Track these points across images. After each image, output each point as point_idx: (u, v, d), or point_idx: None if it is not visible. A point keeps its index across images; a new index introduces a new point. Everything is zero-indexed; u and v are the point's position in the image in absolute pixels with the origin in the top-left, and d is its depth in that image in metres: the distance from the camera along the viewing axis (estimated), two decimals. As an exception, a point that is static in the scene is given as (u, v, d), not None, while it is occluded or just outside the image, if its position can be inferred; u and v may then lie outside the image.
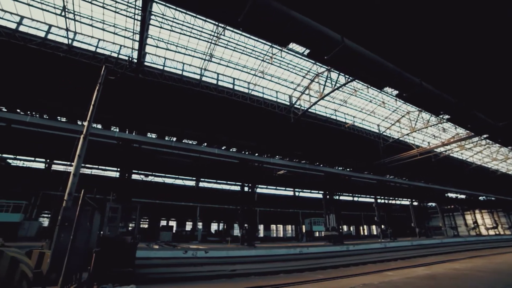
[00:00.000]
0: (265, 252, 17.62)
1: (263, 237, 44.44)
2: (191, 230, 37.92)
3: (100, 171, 35.54)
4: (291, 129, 25.66)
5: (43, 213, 38.67)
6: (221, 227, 45.14)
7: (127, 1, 15.77)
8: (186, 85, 19.61)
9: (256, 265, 12.57)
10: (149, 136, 25.77)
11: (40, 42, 16.06)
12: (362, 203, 58.16)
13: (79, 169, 7.69)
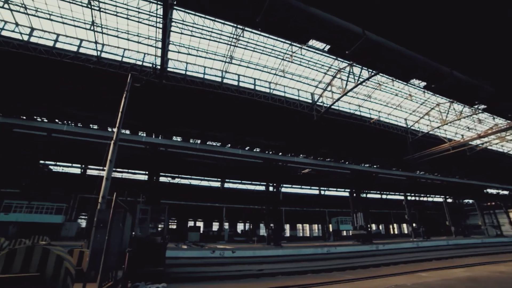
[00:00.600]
0: (292, 251, 17.51)
1: (289, 237, 44.22)
2: (218, 231, 38.59)
3: (130, 175, 37.22)
4: (314, 127, 25.29)
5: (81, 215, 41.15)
6: (247, 227, 45.48)
7: (149, 10, 16.37)
8: (208, 88, 19.99)
9: (283, 265, 12.54)
10: (174, 140, 26.53)
11: (73, 56, 17.14)
12: (391, 201, 55.95)
13: (111, 174, 8.11)
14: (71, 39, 17.65)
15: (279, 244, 22.49)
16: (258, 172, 33.21)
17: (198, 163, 31.21)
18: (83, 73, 17.80)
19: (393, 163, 36.71)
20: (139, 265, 7.39)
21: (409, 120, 29.81)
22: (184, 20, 17.25)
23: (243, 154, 25.43)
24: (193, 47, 19.13)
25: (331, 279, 8.61)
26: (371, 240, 26.75)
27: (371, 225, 34.97)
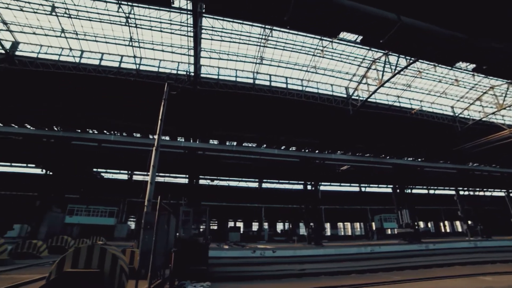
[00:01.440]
0: (333, 251, 17.08)
1: (330, 236, 43.15)
2: (258, 230, 39.00)
3: (172, 179, 39.23)
4: (350, 122, 24.39)
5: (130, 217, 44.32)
6: (287, 226, 45.30)
7: (179, 21, 17.13)
8: (240, 90, 20.33)
9: (326, 265, 12.28)
10: (211, 143, 27.43)
11: (116, 71, 18.59)
12: (441, 196, 51.70)
13: (155, 178, 8.64)
14: (114, 56, 19.17)
15: (320, 244, 22.07)
16: (295, 171, 32.97)
17: (235, 165, 31.93)
18: (125, 86, 19.18)
19: (440, 156, 33.95)
20: (184, 264, 7.78)
21: (457, 108, 27.35)
22: (213, 27, 17.76)
23: (279, 153, 25.43)
24: (223, 51, 19.60)
25: (378, 280, 8.24)
26: (420, 239, 25.03)
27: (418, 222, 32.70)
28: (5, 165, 36.49)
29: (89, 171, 35.15)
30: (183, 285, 6.88)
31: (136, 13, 16.49)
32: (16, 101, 21.07)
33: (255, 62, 20.44)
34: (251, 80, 20.99)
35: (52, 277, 5.30)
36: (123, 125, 24.37)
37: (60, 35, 17.91)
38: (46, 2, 15.95)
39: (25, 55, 18.24)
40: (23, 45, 18.53)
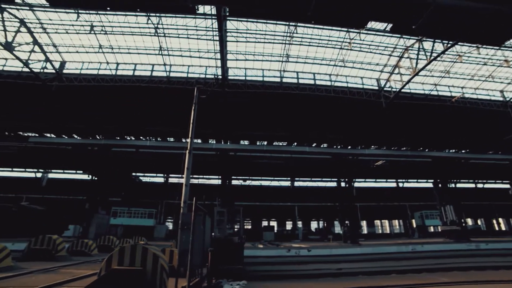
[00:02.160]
0: (371, 250, 16.44)
1: (367, 234, 41.54)
2: (292, 229, 38.76)
3: (205, 180, 40.41)
4: (384, 115, 23.28)
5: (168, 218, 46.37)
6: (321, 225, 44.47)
7: (205, 26, 17.59)
8: (268, 89, 20.35)
9: (363, 264, 11.88)
10: (242, 144, 27.79)
11: (148, 80, 19.60)
12: (492, 190, 47.24)
13: (189, 180, 8.97)
14: (146, 66, 20.27)
15: (356, 242, 21.37)
16: (327, 168, 32.27)
17: (267, 164, 32.08)
18: (157, 93, 20.11)
19: (488, 146, 31.05)
20: (220, 263, 8.00)
21: (507, 92, 24.82)
22: (238, 28, 17.98)
23: (310, 151, 25.07)
24: (249, 52, 19.75)
25: (422, 281, 7.80)
26: (468, 237, 23.13)
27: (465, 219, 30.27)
28: (59, 172, 40.26)
29: (128, 175, 37.50)
30: (220, 283, 7.08)
31: (163, 23, 17.25)
32: (64, 114, 23.10)
33: (281, 60, 20.34)
34: (278, 79, 20.93)
35: (103, 273, 5.76)
36: (158, 130, 25.61)
37: (98, 51, 19.33)
38: (86, 23, 17.30)
39: (71, 72, 19.95)
40: (69, 63, 20.30)
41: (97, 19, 17.18)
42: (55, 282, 6.52)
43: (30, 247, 11.12)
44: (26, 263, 9.59)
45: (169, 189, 39.60)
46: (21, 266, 8.74)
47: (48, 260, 10.51)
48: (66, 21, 17.45)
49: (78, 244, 13.75)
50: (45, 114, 23.36)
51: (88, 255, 13.36)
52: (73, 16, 16.91)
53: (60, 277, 7.26)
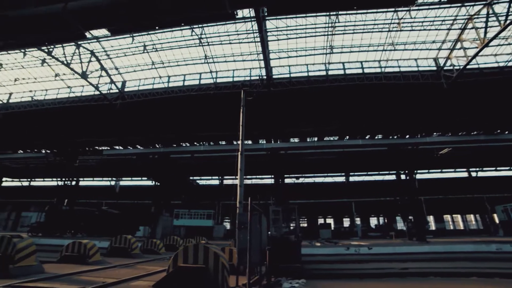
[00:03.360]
0: (442, 248, 14.86)
1: (435, 231, 37.60)
2: (349, 226, 37.22)
3: (259, 180, 41.14)
4: (446, 97, 20.87)
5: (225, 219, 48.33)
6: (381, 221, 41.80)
7: (245, 30, 17.94)
8: (314, 84, 19.86)
9: (433, 264, 10.83)
10: (292, 141, 27.62)
11: (197, 88, 20.75)
12: None
13: (243, 181, 9.26)
14: (194, 75, 21.52)
15: (423, 239, 19.57)
16: (384, 160, 30.19)
17: (318, 160, 31.37)
18: (206, 99, 21.12)
19: None
20: (278, 261, 8.09)
21: None
22: (278, 27, 17.93)
23: (364, 143, 23.82)
24: (291, 49, 19.55)
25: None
26: None
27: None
28: (128, 179, 45.12)
29: (186, 179, 40.17)
30: (279, 281, 7.17)
31: (206, 32, 18.11)
32: (128, 128, 25.82)
33: (325, 52, 19.69)
34: (323, 72, 20.29)
35: (170, 270, 6.32)
36: (210, 135, 26.92)
37: (151, 67, 21.18)
38: (140, 43, 19.14)
39: (130, 90, 22.25)
40: (129, 82, 22.68)
41: (148, 38, 18.84)
42: (133, 276, 7.37)
43: (112, 245, 12.73)
44: (109, 258, 11.00)
45: (224, 191, 41.29)
46: (106, 261, 10.07)
47: (125, 257, 11.88)
48: (124, 45, 19.55)
49: (148, 244, 15.24)
50: (113, 129, 26.42)
51: (157, 253, 14.70)
52: (128, 40, 18.85)
53: (137, 272, 8.18)
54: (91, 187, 46.86)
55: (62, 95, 23.57)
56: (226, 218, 48.73)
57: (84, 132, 27.56)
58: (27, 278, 6.32)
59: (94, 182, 46.97)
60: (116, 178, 44.63)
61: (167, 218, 29.16)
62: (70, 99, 22.95)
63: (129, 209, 36.31)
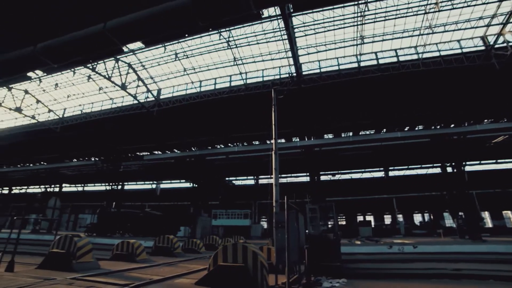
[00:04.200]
0: (503, 248, 13.46)
1: (493, 228, 34.15)
2: (391, 224, 35.37)
3: (294, 178, 40.83)
4: (497, 79, 18.91)
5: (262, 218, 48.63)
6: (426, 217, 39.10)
7: (272, 28, 17.89)
8: (345, 77, 19.22)
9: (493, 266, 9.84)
10: (326, 138, 26.99)
11: (228, 91, 21.17)
12: None
13: (278, 180, 9.26)
14: (224, 78, 21.98)
15: (478, 238, 17.92)
16: (427, 152, 28.26)
17: (355, 156, 30.28)
18: (237, 101, 21.44)
19: None
20: (317, 260, 7.97)
21: None
22: (305, 22, 17.61)
23: (403, 136, 22.51)
24: (320, 43, 19.09)
25: None
26: None
27: None
28: (167, 182, 47.46)
29: (222, 180, 41.17)
30: (319, 280, 7.06)
31: (233, 35, 18.37)
32: (165, 133, 27.18)
33: (356, 44, 18.92)
34: (355, 64, 19.53)
35: (211, 268, 6.54)
36: (243, 136, 27.31)
37: (183, 74, 22.05)
38: (171, 52, 20.04)
39: (165, 97, 23.39)
40: (163, 89, 23.88)
41: (179, 46, 19.64)
42: (177, 274, 7.75)
43: (156, 244, 13.50)
44: (154, 257, 11.68)
45: (260, 190, 41.64)
46: (151, 259, 10.71)
47: (168, 256, 12.53)
48: (157, 55, 20.60)
49: (189, 243, 15.90)
50: (152, 135, 27.99)
51: (198, 252, 15.28)
52: (161, 49, 19.84)
53: (179, 270, 8.59)
54: (134, 190, 50.14)
55: (105, 106, 25.55)
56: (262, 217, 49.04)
57: (126, 139, 29.61)
58: (87, 272, 7.01)
59: (137, 186, 50.17)
60: (156, 182, 47.23)
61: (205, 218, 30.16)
62: (113, 110, 24.76)
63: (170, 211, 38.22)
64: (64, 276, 6.49)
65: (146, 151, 33.01)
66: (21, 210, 49.26)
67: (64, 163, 36.71)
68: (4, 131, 30.28)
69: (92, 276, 6.56)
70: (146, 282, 6.30)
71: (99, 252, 10.95)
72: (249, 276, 6.12)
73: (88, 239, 8.53)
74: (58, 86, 24.39)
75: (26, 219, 27.55)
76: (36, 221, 37.52)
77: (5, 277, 6.16)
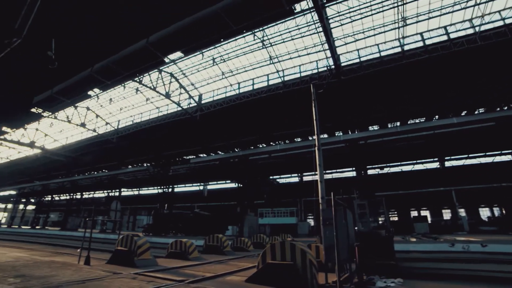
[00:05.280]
0: None
1: None
2: (451, 219, 32.18)
3: (339, 174, 39.47)
4: None
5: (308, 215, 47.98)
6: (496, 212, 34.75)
7: (305, 22, 17.51)
8: (388, 64, 17.98)
9: None
10: (370, 130, 25.61)
11: (266, 90, 21.24)
12: None
13: (323, 176, 9.05)
14: (261, 78, 22.14)
15: None
16: (492, 138, 25.17)
17: (404, 147, 28.21)
18: (276, 99, 21.39)
19: None
20: (368, 258, 7.60)
21: None
22: (339, 11, 16.89)
23: (460, 122, 20.33)
24: (357, 31, 18.15)
25: None
26: None
27: None
28: (213, 183, 49.22)
29: (266, 179, 41.47)
30: (372, 280, 6.72)
31: (267, 34, 18.38)
32: (208, 136, 28.30)
33: (398, 26, 17.58)
34: (398, 49, 18.16)
35: (260, 266, 6.64)
36: (284, 134, 27.24)
37: (222, 77, 22.73)
38: (209, 58, 20.81)
39: (207, 101, 24.34)
40: (204, 94, 24.91)
41: (216, 52, 20.29)
42: (227, 271, 8.03)
43: (206, 243, 14.14)
44: (205, 255, 12.25)
45: (304, 187, 41.07)
46: (203, 257, 11.25)
47: (218, 254, 13.02)
48: (196, 63, 21.57)
49: (238, 242, 16.34)
50: (196, 139, 29.37)
51: (246, 250, 15.61)
52: (199, 57, 20.72)
53: (230, 267, 8.88)
54: (184, 192, 53.06)
55: (153, 115, 27.51)
56: (309, 215, 48.32)
57: (173, 144, 31.55)
58: (147, 269, 7.65)
59: (186, 188, 53.01)
60: (203, 183, 49.40)
61: (252, 217, 30.70)
62: (159, 118, 26.53)
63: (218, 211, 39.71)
64: (128, 271, 7.16)
65: (192, 155, 34.73)
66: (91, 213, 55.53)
67: (121, 170, 40.40)
68: (73, 144, 34.44)
69: (152, 272, 7.12)
70: (199, 279, 6.64)
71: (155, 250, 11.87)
72: (298, 274, 6.08)
73: (145, 239, 9.29)
74: (112, 100, 27.14)
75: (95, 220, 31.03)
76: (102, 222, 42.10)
77: (84, 269, 7.06)
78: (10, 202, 73.08)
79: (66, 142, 35.62)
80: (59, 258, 9.72)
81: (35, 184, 52.14)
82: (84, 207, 60.37)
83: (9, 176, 51.36)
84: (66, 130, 34.59)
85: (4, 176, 51.24)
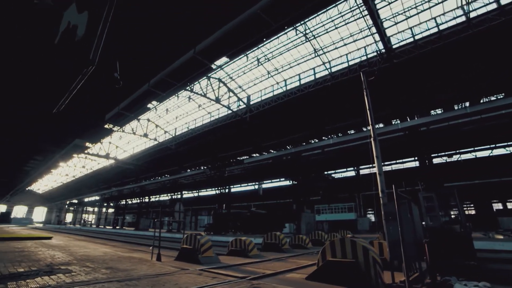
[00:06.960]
0: None
1: None
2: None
3: (399, 165, 36.44)
4: None
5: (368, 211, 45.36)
6: None
7: (349, 8, 16.56)
8: (450, 38, 15.85)
9: None
10: (433, 114, 23.05)
11: (313, 84, 20.68)
12: None
13: (382, 168, 8.46)
14: (308, 72, 21.64)
15: None
16: None
17: (477, 130, 24.68)
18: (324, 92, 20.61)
19: None
20: (441, 257, 6.83)
21: None
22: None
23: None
24: (409, 7, 16.48)
25: None
26: None
27: None
28: (268, 182, 49.82)
29: (321, 175, 40.40)
30: (449, 281, 6.02)
31: (309, 26, 17.86)
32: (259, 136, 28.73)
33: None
34: (462, 18, 15.82)
35: (320, 263, 6.50)
36: (336, 127, 26.20)
37: (268, 76, 22.86)
38: (253, 59, 21.15)
39: (255, 102, 24.74)
40: (252, 95, 25.35)
41: (259, 52, 20.49)
42: (287, 268, 8.06)
43: (265, 241, 14.37)
44: (264, 253, 12.45)
45: (362, 181, 38.95)
46: (262, 255, 11.46)
47: (277, 251, 13.11)
48: (241, 65, 22.12)
49: (296, 239, 16.24)
50: (248, 140, 30.09)
51: (305, 248, 15.43)
52: (243, 59, 21.19)
53: (289, 265, 8.89)
54: (240, 192, 54.82)
55: (205, 120, 29.05)
56: (369, 210, 45.69)
57: (226, 147, 32.86)
58: (210, 265, 8.12)
59: (242, 188, 54.67)
60: (258, 182, 50.37)
61: (309, 214, 30.25)
62: (212, 122, 27.88)
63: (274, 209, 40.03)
64: (194, 267, 7.70)
65: (245, 155, 35.68)
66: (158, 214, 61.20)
67: (181, 174, 43.58)
68: (139, 153, 38.42)
69: (215, 269, 7.52)
70: (260, 276, 6.79)
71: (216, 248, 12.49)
72: (361, 272, 5.79)
73: (207, 237, 9.86)
74: (168, 110, 29.60)
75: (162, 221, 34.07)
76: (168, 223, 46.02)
77: (157, 265, 7.87)
78: (96, 206, 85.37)
79: (133, 152, 39.98)
80: (136, 254, 10.94)
81: (112, 190, 59.70)
82: (152, 209, 66.80)
83: (94, 184, 59.96)
84: (132, 141, 38.89)
85: (90, 184, 59.86)
